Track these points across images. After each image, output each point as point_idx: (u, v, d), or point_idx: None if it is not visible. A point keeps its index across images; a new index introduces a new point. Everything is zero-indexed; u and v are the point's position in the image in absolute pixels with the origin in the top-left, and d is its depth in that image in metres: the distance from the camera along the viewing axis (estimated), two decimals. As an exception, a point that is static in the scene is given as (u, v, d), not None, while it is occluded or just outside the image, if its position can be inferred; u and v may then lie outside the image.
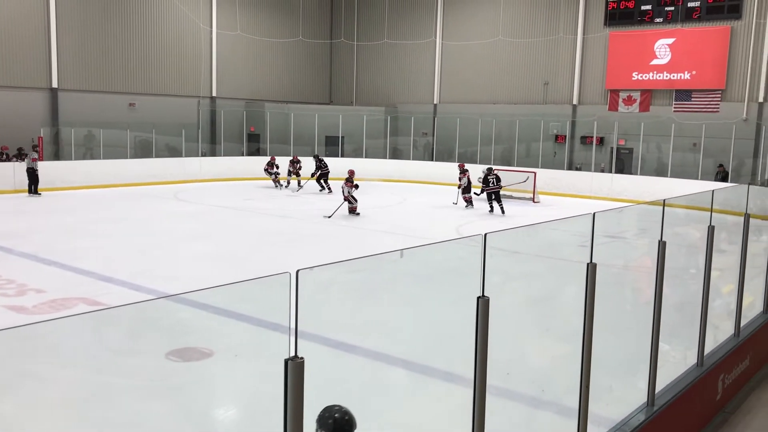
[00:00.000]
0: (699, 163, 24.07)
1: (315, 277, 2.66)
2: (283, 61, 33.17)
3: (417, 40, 32.47)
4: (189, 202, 20.67)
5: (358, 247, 14.30)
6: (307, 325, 2.69)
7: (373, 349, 6.77)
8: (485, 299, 3.47)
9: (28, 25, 24.03)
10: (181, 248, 13.93)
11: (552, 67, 28.91)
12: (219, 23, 30.12)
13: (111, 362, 6.08)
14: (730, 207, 7.75)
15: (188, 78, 29.35)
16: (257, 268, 11.92)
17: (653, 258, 5.71)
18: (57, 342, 4.56)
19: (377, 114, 31.63)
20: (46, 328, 3.04)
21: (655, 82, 26.54)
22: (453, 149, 29.55)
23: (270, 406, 5.28)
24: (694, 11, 25.38)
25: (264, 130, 30.24)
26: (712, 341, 6.77)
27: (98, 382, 6.00)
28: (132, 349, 6.48)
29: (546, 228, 8.14)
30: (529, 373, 5.76)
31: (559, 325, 6.36)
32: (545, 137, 28.15)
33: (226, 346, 7.33)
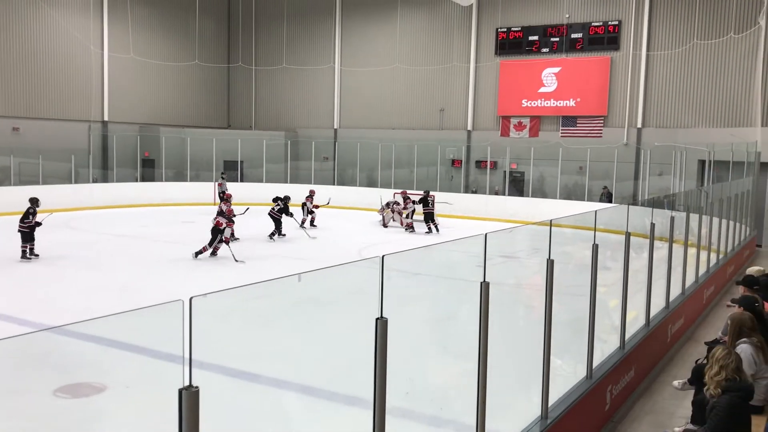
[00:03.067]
0: (585, 185, 25.40)
1: (211, 305, 2.63)
2: (179, 84, 32.47)
3: (316, 66, 32.66)
4: (80, 230, 19.74)
5: (256, 273, 14.10)
6: (204, 354, 2.65)
7: (274, 377, 6.69)
8: (384, 320, 3.53)
9: None
10: (72, 278, 13.27)
11: (447, 94, 29.81)
12: (111, 46, 29.14)
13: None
14: (614, 226, 8.19)
15: (78, 102, 28.17)
16: (152, 297, 11.52)
17: (544, 276, 5.96)
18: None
19: (277, 138, 31.47)
20: None
21: (543, 109, 27.86)
22: (354, 174, 29.78)
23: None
24: (577, 42, 26.92)
25: (159, 156, 29.40)
26: (600, 354, 7.11)
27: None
28: (16, 388, 6.11)
29: (443, 249, 8.36)
30: (429, 393, 5.87)
31: (457, 344, 6.51)
32: (442, 161, 28.90)
33: (119, 379, 7.03)
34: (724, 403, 5.12)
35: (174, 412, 2.54)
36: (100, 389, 6.98)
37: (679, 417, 6.95)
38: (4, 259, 15.20)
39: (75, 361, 6.95)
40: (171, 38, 31.93)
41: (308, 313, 6.20)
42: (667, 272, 9.64)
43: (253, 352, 6.38)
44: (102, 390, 6.95)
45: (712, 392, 5.26)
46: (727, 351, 5.43)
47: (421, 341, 6.25)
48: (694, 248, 11.47)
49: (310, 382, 6.53)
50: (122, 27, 29.50)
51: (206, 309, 2.53)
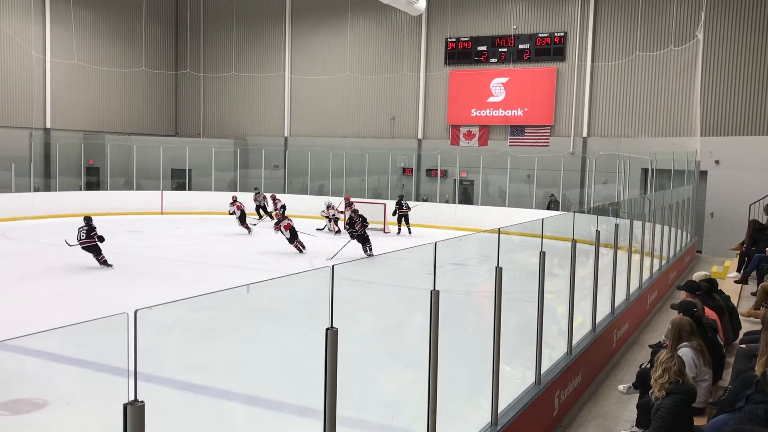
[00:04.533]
0: (533, 193, 25.84)
1: (156, 317, 2.57)
2: (125, 91, 31.80)
3: (266, 73, 32.45)
4: (20, 241, 19.12)
5: (203, 283, 13.89)
6: (150, 367, 2.59)
7: (223, 389, 6.59)
8: (334, 330, 3.51)
9: None
10: (11, 291, 12.82)
11: (398, 103, 29.98)
12: (53, 51, 28.38)
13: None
14: (560, 233, 8.33)
15: (19, 108, 27.32)
16: (95, 310, 11.21)
17: (492, 283, 6.03)
18: None
19: (226, 146, 31.13)
20: None
21: (492, 118, 28.27)
22: (305, 182, 29.64)
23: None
24: (524, 53, 27.42)
25: (104, 163, 28.73)
26: (548, 360, 7.22)
27: None
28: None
29: (394, 258, 8.38)
30: (379, 401, 5.86)
31: (407, 352, 6.53)
32: (393, 170, 29.02)
33: (62, 394, 6.82)
34: (668, 404, 5.26)
35: (119, 427, 2.48)
36: (41, 405, 6.76)
37: (624, 420, 7.10)
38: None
39: (14, 377, 6.72)
40: (117, 43, 31.27)
41: (257, 324, 6.14)
42: (612, 278, 9.86)
43: (201, 364, 6.27)
44: (43, 406, 6.73)
45: (657, 394, 5.40)
46: (671, 354, 5.58)
47: (371, 350, 6.25)
48: (637, 255, 11.77)
49: (259, 393, 6.46)
50: (65, 31, 28.77)
51: (152, 321, 2.48)
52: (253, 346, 6.13)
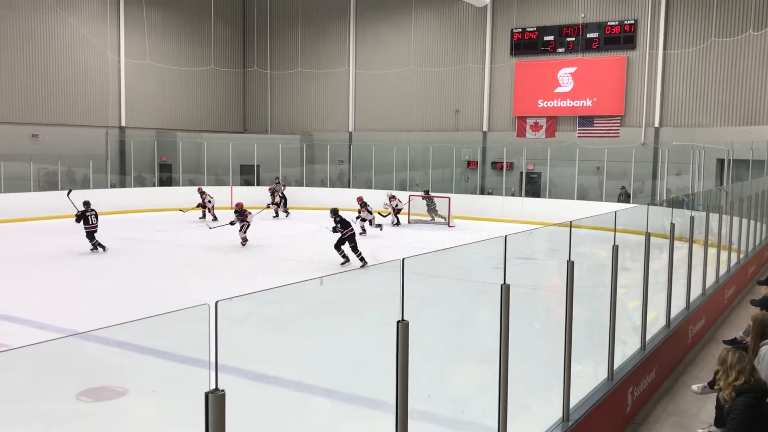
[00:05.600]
0: (603, 185, 25.23)
1: (231, 309, 2.64)
2: (196, 89, 32.68)
3: (331, 69, 32.75)
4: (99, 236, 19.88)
5: (273, 277, 14.15)
6: (225, 358, 2.67)
7: (294, 380, 6.71)
8: (405, 323, 3.53)
9: None
10: (91, 283, 13.39)
11: (462, 96, 29.76)
12: (127, 52, 29.41)
13: (17, 408, 5.77)
14: (633, 227, 8.14)
15: (96, 107, 28.44)
16: (171, 302, 11.59)
17: (563, 278, 5.93)
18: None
19: (293, 142, 31.58)
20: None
21: (559, 109, 27.74)
22: (369, 176, 29.81)
23: (189, 443, 5.13)
24: (593, 42, 26.77)
25: (176, 160, 29.60)
26: (621, 356, 7.06)
27: (5, 430, 5.67)
28: (40, 392, 6.17)
29: (461, 251, 8.34)
30: (449, 395, 5.85)
31: (475, 347, 6.50)
32: (458, 163, 28.85)
33: (141, 383, 7.08)
34: (740, 405, 5.10)
35: (195, 415, 2.56)
36: (121, 393, 7.04)
37: (702, 419, 6.88)
38: (24, 264, 15.37)
39: (97, 365, 7.01)
40: (187, 43, 32.15)
41: (327, 317, 6.21)
42: (687, 272, 9.55)
43: (274, 355, 6.40)
44: (123, 394, 7.01)
45: (726, 396, 5.24)
46: (740, 354, 5.39)
47: (439, 344, 6.24)
48: (714, 248, 11.36)
49: (330, 385, 6.55)
50: (138, 33, 29.76)
51: (229, 313, 2.55)
52: (323, 338, 6.22)
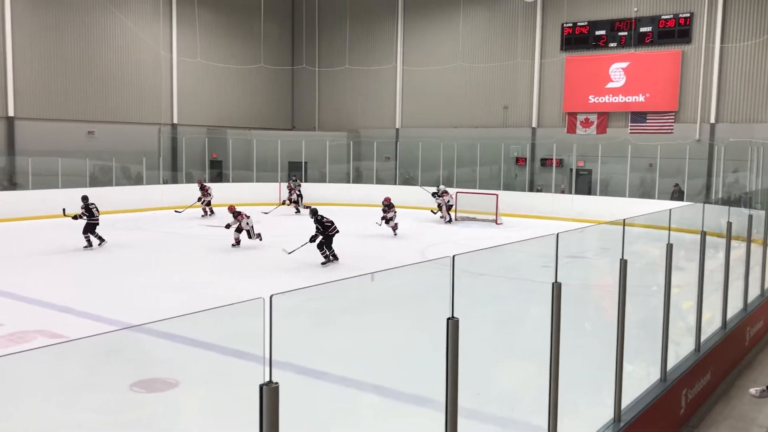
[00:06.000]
0: (655, 182, 24.66)
1: (282, 304, 2.66)
2: (245, 87, 33.14)
3: (378, 66, 32.80)
4: (151, 231, 20.37)
5: (320, 273, 14.25)
6: (275, 352, 2.69)
7: (342, 375, 6.74)
8: (455, 320, 3.50)
9: (-18, 54, 23.64)
10: (144, 277, 13.71)
11: (511, 91, 29.45)
12: (179, 50, 30.01)
13: (74, 397, 5.94)
14: (687, 225, 7.94)
15: (149, 105, 29.11)
16: (218, 296, 11.78)
17: (614, 277, 5.82)
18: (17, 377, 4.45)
19: (340, 139, 31.75)
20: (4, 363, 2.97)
21: (611, 105, 27.21)
22: (416, 173, 29.76)
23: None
24: (646, 36, 26.17)
25: (226, 157, 30.08)
26: (674, 357, 6.90)
27: (62, 418, 5.86)
28: (95, 383, 6.35)
29: (509, 249, 8.25)
30: (497, 393, 5.80)
31: (524, 345, 6.42)
32: (506, 160, 28.57)
33: (192, 375, 7.22)
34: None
35: (246, 407, 2.59)
36: (173, 384, 7.19)
37: (760, 423, 6.67)
38: (80, 257, 15.84)
39: (150, 357, 7.18)
40: (237, 42, 32.62)
41: (374, 313, 6.22)
42: (744, 273, 9.27)
43: (322, 350, 6.44)
44: (175, 385, 7.15)
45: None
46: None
47: (487, 342, 6.19)
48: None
49: (378, 381, 6.56)
50: (190, 32, 30.32)
51: (281, 307, 2.57)
52: (371, 334, 6.23)
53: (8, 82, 24.26)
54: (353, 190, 29.15)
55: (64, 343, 6.61)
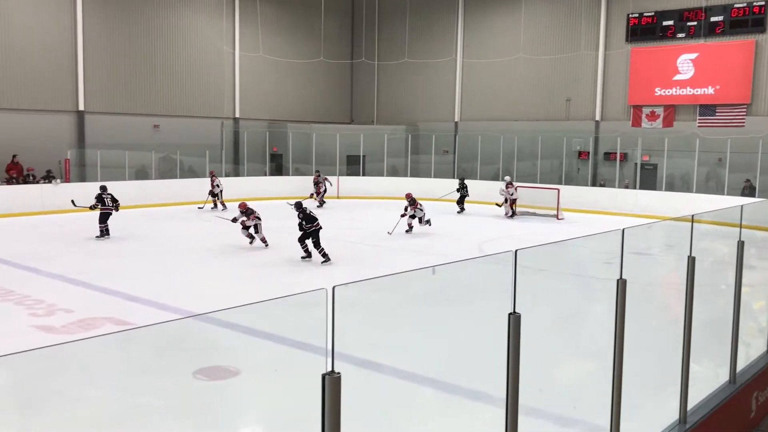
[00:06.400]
0: (725, 178, 23.79)
1: (343, 295, 2.67)
2: (305, 81, 33.48)
3: (438, 59, 32.63)
4: (213, 222, 20.83)
5: (378, 266, 14.29)
6: (336, 342, 2.70)
7: (400, 368, 6.75)
8: (517, 316, 3.46)
9: (56, 51, 24.56)
10: (207, 268, 14.03)
11: (574, 84, 28.86)
12: (242, 45, 30.55)
13: (139, 381, 6.12)
14: (759, 222, 7.64)
15: (212, 99, 29.74)
16: (279, 286, 11.96)
17: (680, 274, 5.65)
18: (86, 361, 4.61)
19: (398, 133, 31.76)
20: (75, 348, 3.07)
21: (678, 97, 26.37)
22: (475, 167, 29.52)
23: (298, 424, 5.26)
24: (717, 26, 25.23)
25: (286, 150, 30.48)
26: (744, 358, 6.66)
27: (127, 402, 6.05)
28: (159, 368, 6.52)
29: (571, 245, 8.10)
30: (557, 391, 5.71)
31: (586, 342, 6.30)
32: (568, 153, 28.03)
33: (253, 364, 7.35)
34: None
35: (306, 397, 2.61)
36: (234, 373, 7.34)
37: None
38: (141, 246, 16.32)
39: (212, 346, 7.34)
40: (297, 36, 32.97)
41: (432, 306, 6.20)
42: (821, 272, 8.85)
43: (381, 342, 6.47)
44: (236, 374, 7.30)
45: None
46: None
47: (548, 338, 6.09)
48: None
49: (435, 375, 6.55)
50: (252, 27, 30.81)
51: (343, 298, 2.58)
52: (430, 327, 6.21)
53: (79, 78, 25.15)
54: (411, 184, 29.08)
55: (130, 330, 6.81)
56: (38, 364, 3.26)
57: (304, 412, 2.58)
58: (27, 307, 10.41)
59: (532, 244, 4.83)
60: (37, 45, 24.03)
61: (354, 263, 14.79)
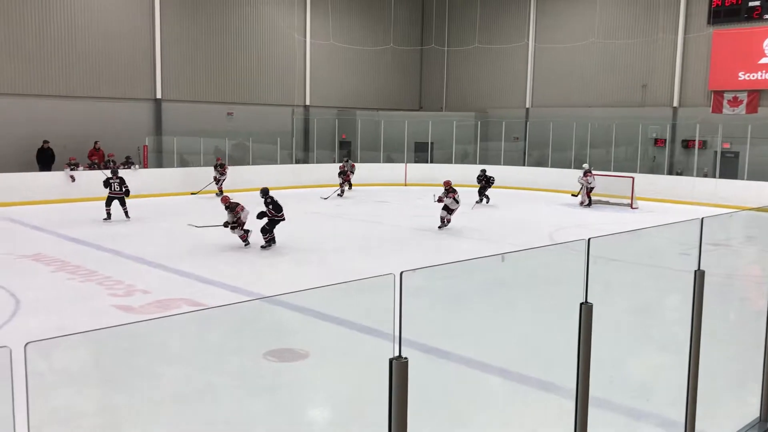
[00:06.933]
0: (813, 167, 22.59)
1: (411, 281, 2.67)
2: (374, 68, 33.57)
3: (509, 44, 32.10)
4: (286, 208, 21.17)
5: (446, 253, 14.25)
6: (403, 328, 2.71)
7: (468, 356, 6.73)
8: (588, 306, 3.38)
9: (135, 41, 25.41)
10: (278, 253, 14.31)
11: (650, 69, 27.90)
12: (313, 33, 30.84)
13: (212, 361, 6.31)
14: None
15: (283, 87, 30.19)
16: (344, 274, 12.09)
17: (763, 266, 5.41)
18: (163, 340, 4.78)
19: (467, 119, 31.47)
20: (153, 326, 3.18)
21: (763, 82, 25.13)
22: (546, 154, 29.00)
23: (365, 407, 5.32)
24: (807, 6, 23.90)
25: (355, 138, 30.68)
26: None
27: (202, 380, 6.24)
28: (232, 349, 6.70)
29: (647, 234, 7.86)
30: (629, 383, 5.57)
31: (660, 335, 6.12)
32: (643, 141, 27.16)
33: (322, 347, 7.46)
34: None
35: (373, 382, 2.62)
36: (303, 356, 7.47)
37: None
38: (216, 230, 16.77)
39: (282, 328, 7.49)
40: (367, 23, 33.04)
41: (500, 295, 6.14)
42: None
43: (448, 330, 6.45)
44: (305, 356, 7.43)
45: None
46: None
47: (620, 329, 5.95)
48: None
49: (503, 364, 6.49)
50: (323, 15, 31.05)
51: (410, 284, 2.58)
52: (499, 316, 6.16)
53: (157, 67, 25.96)
54: (479, 171, 28.82)
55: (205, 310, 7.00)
56: (119, 342, 3.40)
57: (371, 396, 2.60)
58: (107, 287, 10.88)
59: (602, 234, 4.72)
60: (117, 37, 24.91)
61: (420, 250, 14.79)
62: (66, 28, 23.78)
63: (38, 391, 2.22)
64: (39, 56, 23.21)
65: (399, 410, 2.53)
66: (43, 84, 23.33)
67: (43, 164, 22.66)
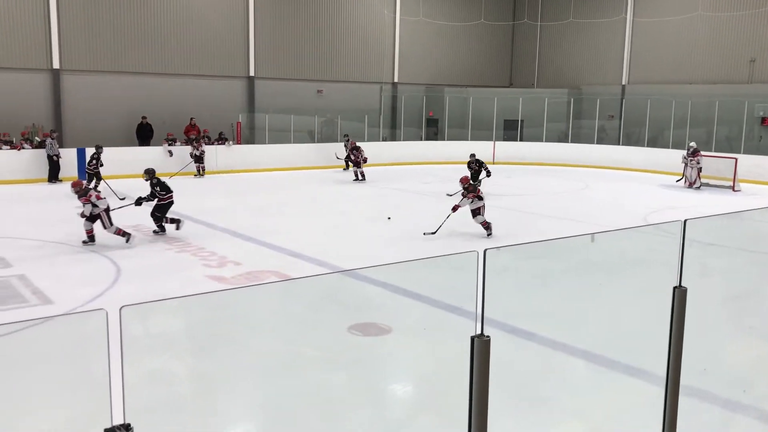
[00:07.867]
0: None
1: (494, 260, 2.63)
2: (464, 44, 33.11)
3: (605, 18, 30.89)
4: (371, 185, 21.36)
5: (534, 232, 13.98)
6: (485, 307, 2.67)
7: (552, 338, 6.60)
8: (683, 290, 3.24)
9: (230, 20, 26.06)
10: (364, 228, 14.47)
11: (760, 43, 26.21)
12: (402, 9, 30.70)
13: (298, 333, 6.45)
14: None
15: (372, 64, 30.27)
16: (429, 251, 12.07)
17: None
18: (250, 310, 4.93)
19: (560, 96, 30.62)
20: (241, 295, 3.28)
21: None
22: (642, 132, 27.88)
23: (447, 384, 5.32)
24: None
25: (443, 115, 30.45)
26: None
27: (288, 351, 6.41)
28: (316, 322, 6.84)
29: (749, 218, 7.44)
30: (724, 373, 5.32)
31: (760, 323, 5.81)
32: (749, 120, 25.64)
33: (404, 323, 7.51)
34: None
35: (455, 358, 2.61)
36: (386, 331, 7.53)
37: None
38: (308, 206, 17.09)
39: (366, 302, 7.57)
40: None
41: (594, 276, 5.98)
42: None
43: (532, 310, 6.35)
44: (388, 332, 7.49)
45: None
46: None
47: (716, 316, 5.68)
48: None
49: (588, 347, 6.33)
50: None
51: (493, 262, 2.54)
52: (585, 298, 6.01)
53: (250, 45, 26.57)
54: (572, 150, 28.08)
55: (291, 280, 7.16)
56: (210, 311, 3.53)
57: (453, 373, 2.59)
58: (201, 258, 11.32)
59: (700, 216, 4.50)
60: (213, 17, 25.63)
61: (509, 229, 14.57)
62: (164, 10, 24.66)
63: (133, 353, 2.33)
64: (139, 36, 24.20)
65: (480, 389, 2.51)
66: (142, 62, 24.35)
67: (142, 139, 23.73)
